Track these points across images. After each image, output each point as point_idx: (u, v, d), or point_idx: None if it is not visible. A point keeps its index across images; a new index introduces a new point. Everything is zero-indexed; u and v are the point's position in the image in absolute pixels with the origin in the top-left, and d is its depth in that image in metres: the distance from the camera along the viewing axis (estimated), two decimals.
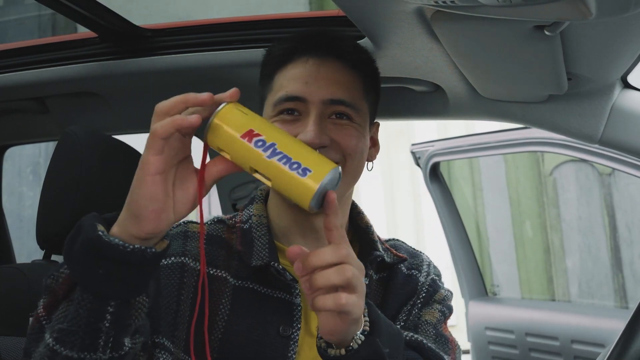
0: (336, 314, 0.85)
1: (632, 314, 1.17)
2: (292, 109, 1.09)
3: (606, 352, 1.17)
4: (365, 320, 0.93)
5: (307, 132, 1.05)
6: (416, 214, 7.50)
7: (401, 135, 7.36)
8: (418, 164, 2.92)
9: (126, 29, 1.44)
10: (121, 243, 0.80)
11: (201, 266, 0.90)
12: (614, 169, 2.08)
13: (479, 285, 2.95)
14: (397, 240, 1.30)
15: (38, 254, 1.41)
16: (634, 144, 1.27)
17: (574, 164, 6.45)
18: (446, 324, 1.20)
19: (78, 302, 0.82)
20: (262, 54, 1.19)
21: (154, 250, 0.82)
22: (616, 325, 2.24)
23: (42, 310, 0.87)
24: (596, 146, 1.42)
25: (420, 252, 1.29)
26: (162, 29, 1.49)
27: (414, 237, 7.31)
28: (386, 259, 1.17)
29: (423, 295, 1.19)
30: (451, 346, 1.16)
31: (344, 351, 0.90)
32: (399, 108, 1.60)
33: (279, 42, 1.16)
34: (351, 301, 0.84)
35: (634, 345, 1.12)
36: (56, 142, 1.41)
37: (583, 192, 6.42)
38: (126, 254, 0.80)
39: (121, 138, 1.49)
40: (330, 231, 0.86)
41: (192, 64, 1.47)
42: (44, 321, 0.87)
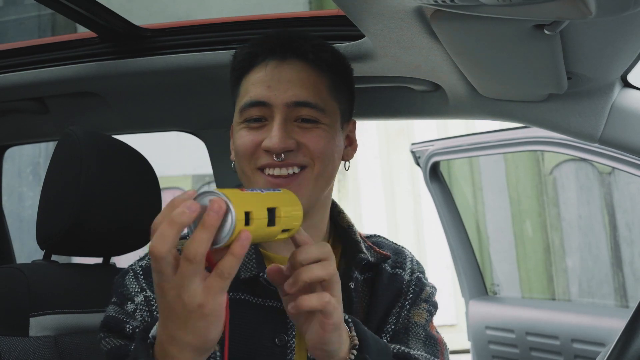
0: (318, 319, 0.88)
1: (632, 312, 1.17)
2: (257, 117, 1.08)
3: (606, 351, 1.17)
4: (352, 336, 0.96)
5: (271, 138, 1.05)
6: (416, 213, 7.50)
7: (401, 135, 7.37)
8: (418, 164, 2.91)
9: (126, 29, 1.45)
10: None
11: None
12: (614, 168, 2.08)
13: (479, 285, 2.95)
14: (378, 236, 1.29)
15: (38, 254, 1.41)
16: (633, 142, 1.27)
17: (574, 163, 6.45)
18: (433, 322, 1.21)
19: None
20: None
21: None
22: (616, 324, 2.24)
23: None
24: (596, 145, 1.42)
25: (403, 248, 1.28)
26: (161, 28, 1.49)
27: (414, 237, 7.31)
28: (370, 259, 1.17)
29: (410, 295, 1.19)
30: (440, 347, 1.17)
31: None
32: (398, 107, 1.60)
33: (243, 47, 1.15)
34: (333, 301, 0.87)
35: (634, 344, 1.12)
36: (56, 142, 1.41)
37: (583, 191, 6.43)
38: None
39: (121, 138, 1.49)
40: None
41: (192, 63, 1.47)
42: None
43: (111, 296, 1.10)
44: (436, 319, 1.23)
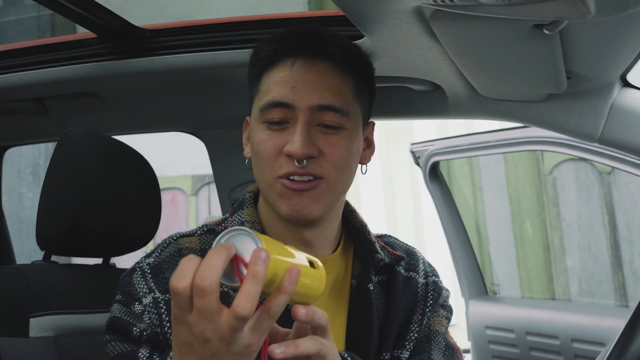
0: None
1: (632, 312, 1.17)
2: (279, 120, 1.05)
3: (606, 350, 1.17)
4: None
5: (294, 142, 1.02)
6: (416, 213, 7.51)
7: (401, 135, 7.38)
8: (418, 164, 2.91)
9: (125, 29, 1.44)
10: None
11: None
12: (613, 167, 2.08)
13: (479, 285, 2.95)
14: (389, 236, 1.27)
15: (38, 254, 1.41)
16: (633, 142, 1.27)
17: (573, 162, 6.45)
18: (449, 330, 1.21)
19: None
20: None
21: None
22: (616, 324, 2.24)
23: None
24: (596, 145, 1.42)
25: (414, 249, 1.27)
26: (161, 29, 1.49)
27: (413, 237, 7.32)
28: (386, 259, 1.15)
29: (430, 301, 1.18)
30: (457, 356, 1.16)
31: None
32: (398, 107, 1.60)
33: (265, 42, 1.11)
34: (326, 343, 0.84)
35: (634, 343, 1.12)
36: (55, 143, 1.41)
37: (583, 190, 6.43)
38: None
39: (120, 138, 1.49)
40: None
41: (191, 64, 1.46)
42: None
43: (116, 294, 1.07)
44: None
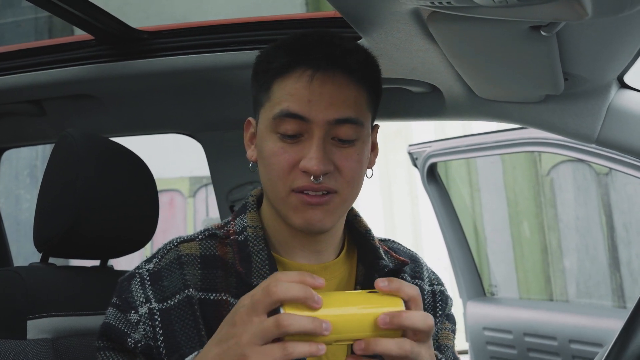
0: None
1: (629, 313, 1.17)
2: (293, 134, 1.01)
3: (604, 351, 1.17)
4: None
5: (310, 159, 0.99)
6: (413, 214, 7.51)
7: (398, 136, 7.38)
8: (415, 165, 2.92)
9: (123, 31, 1.44)
10: None
11: None
12: (611, 168, 2.08)
13: (476, 286, 2.95)
14: (393, 241, 1.26)
15: (35, 257, 1.41)
16: (630, 143, 1.27)
17: (571, 164, 6.46)
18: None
19: None
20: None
21: None
22: (614, 325, 2.24)
23: None
24: (593, 146, 1.42)
25: (417, 255, 1.26)
26: (159, 31, 1.49)
27: (411, 238, 7.32)
28: (390, 266, 1.13)
29: (439, 312, 1.18)
30: None
31: None
32: (396, 109, 1.60)
33: (279, 49, 1.06)
34: (416, 349, 0.81)
35: (631, 344, 1.12)
36: (53, 145, 1.41)
37: (580, 192, 6.43)
38: None
39: (118, 140, 1.49)
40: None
41: (189, 66, 1.46)
42: None
43: (112, 297, 1.05)
44: None
